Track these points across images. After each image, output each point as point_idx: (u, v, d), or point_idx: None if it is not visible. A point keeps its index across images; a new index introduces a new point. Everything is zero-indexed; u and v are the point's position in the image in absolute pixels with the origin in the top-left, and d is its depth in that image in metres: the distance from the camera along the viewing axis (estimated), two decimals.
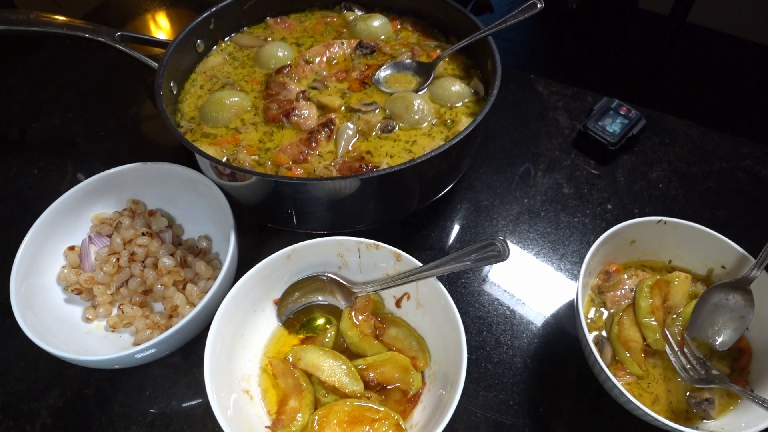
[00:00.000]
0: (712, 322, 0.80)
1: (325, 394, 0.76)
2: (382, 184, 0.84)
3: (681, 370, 0.77)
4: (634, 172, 1.11)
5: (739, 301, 0.79)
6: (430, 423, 0.70)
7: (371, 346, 0.80)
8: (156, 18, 1.51)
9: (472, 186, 1.09)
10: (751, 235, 0.97)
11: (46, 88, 1.31)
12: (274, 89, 1.04)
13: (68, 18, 1.01)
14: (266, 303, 0.84)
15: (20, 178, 1.12)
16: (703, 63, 2.90)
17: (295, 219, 0.90)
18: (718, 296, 0.80)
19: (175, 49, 1.01)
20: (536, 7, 1.02)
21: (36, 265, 0.85)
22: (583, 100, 1.24)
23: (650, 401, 0.77)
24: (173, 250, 0.91)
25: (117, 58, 1.05)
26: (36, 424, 0.81)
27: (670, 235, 0.86)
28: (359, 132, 0.98)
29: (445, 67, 1.10)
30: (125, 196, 0.96)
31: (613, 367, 0.80)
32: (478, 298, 0.93)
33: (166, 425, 0.80)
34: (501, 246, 0.75)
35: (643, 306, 0.81)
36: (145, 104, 1.27)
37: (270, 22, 1.20)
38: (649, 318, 0.80)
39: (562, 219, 1.04)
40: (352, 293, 0.84)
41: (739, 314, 0.79)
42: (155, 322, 0.85)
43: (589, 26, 3.23)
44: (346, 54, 1.13)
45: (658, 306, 0.82)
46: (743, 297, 0.79)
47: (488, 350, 0.87)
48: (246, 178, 0.83)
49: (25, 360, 0.87)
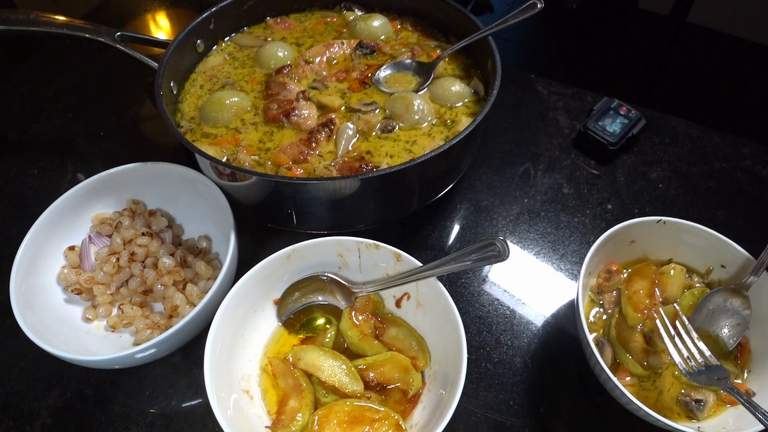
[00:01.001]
0: (712, 327, 0.80)
1: (325, 394, 0.76)
2: (382, 184, 0.84)
3: (680, 362, 0.75)
4: (634, 172, 1.11)
5: (738, 306, 0.79)
6: (430, 423, 0.70)
7: (371, 346, 0.80)
8: (156, 18, 1.51)
9: (472, 186, 1.09)
10: (751, 235, 0.97)
11: (46, 88, 1.31)
12: (274, 89, 1.04)
13: (68, 18, 1.01)
14: (266, 303, 0.84)
15: (20, 178, 1.12)
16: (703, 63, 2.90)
17: (295, 219, 0.90)
18: (717, 301, 0.80)
19: (175, 49, 1.01)
20: (536, 7, 1.02)
21: (36, 265, 0.85)
22: (583, 100, 1.24)
23: (653, 401, 0.77)
24: (173, 250, 0.91)
25: (117, 58, 1.05)
26: (36, 424, 0.81)
27: (669, 235, 0.86)
28: (359, 132, 0.98)
29: (445, 67, 1.10)
30: (125, 196, 0.96)
31: (614, 367, 0.80)
32: (478, 298, 0.93)
33: (166, 425, 0.80)
34: (501, 246, 0.75)
35: (623, 294, 0.81)
36: (145, 104, 1.27)
37: (270, 22, 1.20)
38: (629, 307, 0.80)
39: (562, 219, 1.04)
40: (352, 293, 0.84)
41: (737, 320, 0.79)
42: (155, 322, 0.85)
43: (589, 26, 3.23)
44: (346, 54, 1.13)
45: (642, 291, 0.81)
46: (741, 302, 0.79)
47: (488, 350, 0.87)
48: (246, 178, 0.83)
49: (25, 360, 0.87)
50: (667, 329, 0.77)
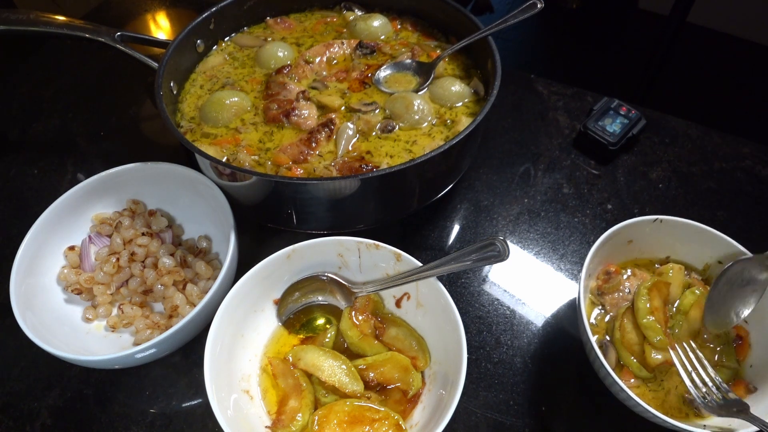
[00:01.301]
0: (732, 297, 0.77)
1: (325, 394, 0.76)
2: (382, 184, 0.84)
3: (696, 395, 0.74)
4: (634, 172, 1.11)
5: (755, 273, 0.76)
6: (430, 423, 0.70)
7: (371, 346, 0.80)
8: (156, 18, 1.51)
9: (472, 186, 1.09)
10: (751, 235, 0.98)
11: (46, 88, 1.31)
12: (274, 89, 1.04)
13: (68, 18, 1.01)
14: (266, 303, 0.84)
15: (20, 178, 1.12)
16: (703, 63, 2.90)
17: (295, 219, 0.90)
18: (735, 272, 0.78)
19: (175, 49, 1.01)
20: (536, 7, 1.02)
21: (36, 265, 0.85)
22: (583, 100, 1.24)
23: (659, 402, 0.77)
24: (173, 250, 0.91)
25: (117, 58, 1.05)
26: (36, 424, 0.81)
27: (666, 234, 0.86)
28: (359, 132, 0.98)
29: (445, 67, 1.09)
30: (125, 196, 0.96)
31: (617, 369, 0.80)
32: (478, 298, 0.93)
33: (166, 425, 0.80)
34: (501, 246, 0.75)
35: (641, 308, 0.80)
36: (145, 104, 1.27)
37: (270, 22, 1.20)
38: (649, 317, 0.80)
39: (562, 219, 1.04)
40: (352, 293, 0.84)
41: (753, 287, 0.76)
42: (155, 322, 0.85)
43: (589, 26, 3.23)
44: (346, 54, 1.13)
45: (658, 307, 0.81)
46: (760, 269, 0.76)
47: (488, 350, 0.87)
48: (246, 178, 0.83)
49: (25, 360, 0.87)
50: (684, 365, 0.77)
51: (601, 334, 0.84)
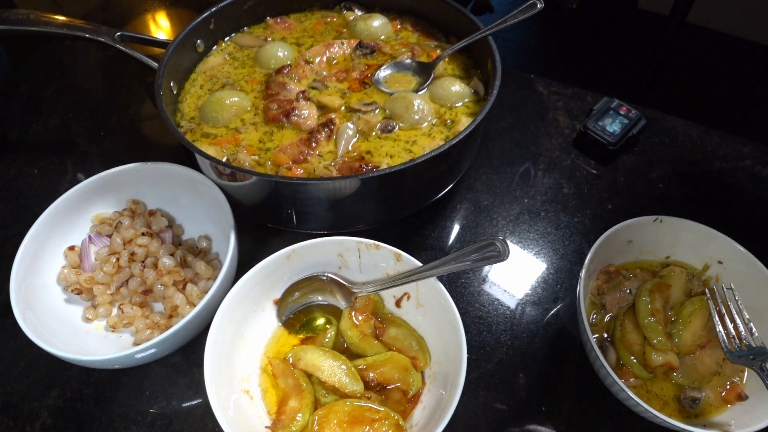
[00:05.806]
0: None
1: (325, 394, 0.76)
2: (382, 184, 0.84)
3: (724, 341, 0.77)
4: (634, 172, 1.11)
5: None
6: (430, 423, 0.70)
7: (371, 346, 0.80)
8: (156, 18, 1.51)
9: (472, 186, 1.09)
10: (751, 235, 0.97)
11: (46, 88, 1.31)
12: (274, 89, 1.04)
13: (68, 18, 1.01)
14: (266, 303, 0.84)
15: (20, 178, 1.12)
16: (703, 63, 2.90)
17: (295, 219, 0.90)
18: None
19: (175, 49, 1.01)
20: (536, 7, 1.02)
21: (36, 265, 0.85)
22: (583, 100, 1.24)
23: (659, 402, 0.77)
24: (173, 250, 0.91)
25: (117, 58, 1.05)
26: (36, 424, 0.81)
27: (666, 234, 0.86)
28: (359, 132, 0.98)
29: (445, 67, 1.09)
30: (125, 196, 0.96)
31: (617, 369, 0.80)
32: (478, 298, 0.93)
33: (166, 425, 0.80)
34: (501, 246, 0.75)
35: (643, 309, 0.81)
36: (145, 104, 1.27)
37: (270, 22, 1.20)
38: (651, 318, 0.80)
39: (562, 219, 1.04)
40: (352, 293, 0.84)
41: None
42: (155, 322, 0.85)
43: (589, 26, 3.24)
44: (346, 54, 1.13)
45: (659, 309, 0.81)
46: None
47: (488, 350, 0.87)
48: (246, 178, 0.83)
49: (25, 360, 0.87)
50: (718, 308, 0.80)
51: (601, 334, 0.84)
